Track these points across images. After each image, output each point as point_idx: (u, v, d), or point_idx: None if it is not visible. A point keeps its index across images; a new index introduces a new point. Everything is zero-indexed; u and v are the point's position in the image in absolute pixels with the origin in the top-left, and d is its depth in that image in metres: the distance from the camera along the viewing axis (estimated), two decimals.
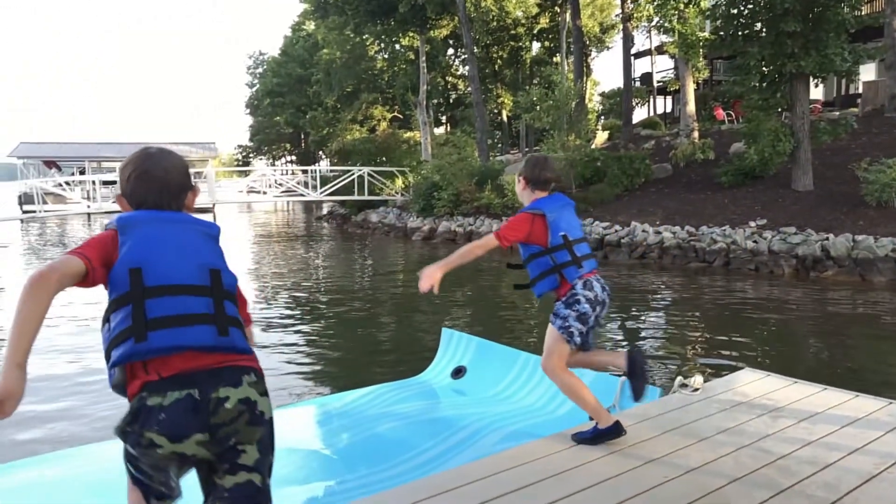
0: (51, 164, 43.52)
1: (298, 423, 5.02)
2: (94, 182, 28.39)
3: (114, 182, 34.64)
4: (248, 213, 43.28)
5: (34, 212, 25.61)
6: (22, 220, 28.54)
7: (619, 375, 5.01)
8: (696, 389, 3.73)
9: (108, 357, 1.84)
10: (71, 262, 1.77)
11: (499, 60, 39.54)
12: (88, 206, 26.61)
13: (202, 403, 1.81)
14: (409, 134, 38.55)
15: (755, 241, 14.14)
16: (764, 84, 16.40)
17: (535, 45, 40.67)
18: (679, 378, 3.85)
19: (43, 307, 1.70)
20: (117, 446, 3.77)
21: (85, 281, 1.81)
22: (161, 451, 1.81)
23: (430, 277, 3.27)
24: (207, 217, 31.53)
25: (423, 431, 4.63)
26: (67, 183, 29.72)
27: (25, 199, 30.14)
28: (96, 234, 1.93)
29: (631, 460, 2.91)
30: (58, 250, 20.94)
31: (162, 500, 1.97)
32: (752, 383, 3.94)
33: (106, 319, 1.87)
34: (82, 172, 41.11)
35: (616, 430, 3.11)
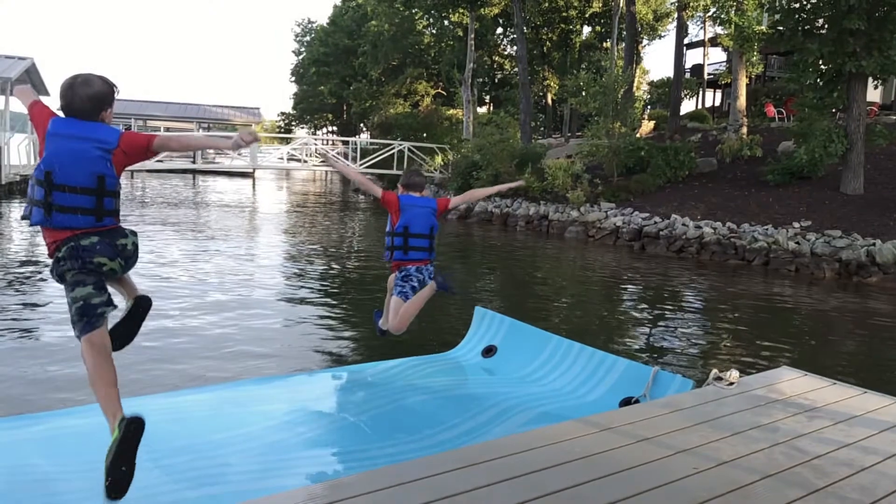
0: None
1: (327, 389, 5.08)
2: None
3: None
4: (287, 181, 43.64)
5: None
6: None
7: (651, 365, 4.98)
8: (732, 383, 3.67)
9: (30, 202, 2.88)
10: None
11: (548, 42, 39.03)
12: None
13: (113, 245, 2.96)
14: (451, 111, 38.34)
15: (797, 243, 13.85)
16: (820, 82, 15.96)
17: (586, 29, 40.07)
18: (714, 371, 3.79)
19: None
20: (148, 402, 3.98)
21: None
22: (105, 267, 2.93)
23: (327, 156, 5.10)
24: (247, 180, 31.77)
25: (452, 407, 4.65)
26: None
27: None
28: (44, 110, 2.96)
29: (661, 449, 2.88)
30: None
31: (101, 319, 2.96)
32: (790, 381, 3.86)
33: (32, 180, 2.88)
34: (128, 129, 41.82)
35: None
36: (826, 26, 15.78)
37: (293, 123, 68.27)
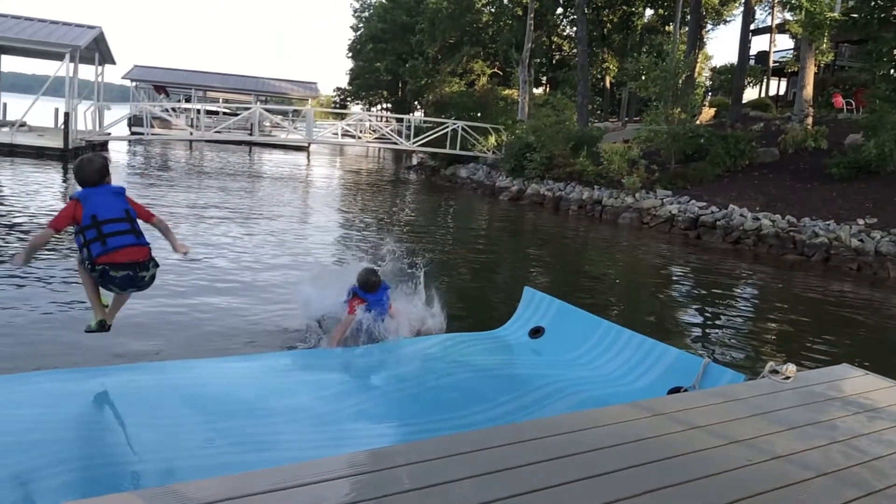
0: (160, 89, 45.12)
1: (374, 363, 5.11)
2: (198, 110, 29.17)
3: (217, 112, 35.71)
4: (340, 156, 43.99)
5: (142, 134, 26.72)
6: (129, 142, 29.82)
7: (702, 357, 4.88)
8: (788, 377, 3.56)
9: (81, 248, 3.93)
10: (47, 234, 3.96)
11: (608, 24, 38.25)
12: (191, 133, 27.36)
13: (135, 277, 4.04)
14: (507, 91, 37.96)
15: (861, 241, 13.37)
16: (895, 73, 15.30)
17: (648, 12, 39.10)
18: (770, 363, 3.69)
19: (37, 251, 4.53)
20: (202, 366, 4.24)
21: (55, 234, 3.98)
22: (114, 293, 4.22)
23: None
24: (302, 154, 32.34)
25: (498, 386, 4.64)
26: (174, 109, 30.62)
27: (134, 121, 31.40)
28: (65, 206, 3.94)
29: (712, 438, 2.82)
30: (160, 173, 21.86)
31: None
32: (850, 379, 3.74)
33: (79, 232, 3.90)
34: (188, 100, 42.54)
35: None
36: None
37: (349, 99, 68.59)
